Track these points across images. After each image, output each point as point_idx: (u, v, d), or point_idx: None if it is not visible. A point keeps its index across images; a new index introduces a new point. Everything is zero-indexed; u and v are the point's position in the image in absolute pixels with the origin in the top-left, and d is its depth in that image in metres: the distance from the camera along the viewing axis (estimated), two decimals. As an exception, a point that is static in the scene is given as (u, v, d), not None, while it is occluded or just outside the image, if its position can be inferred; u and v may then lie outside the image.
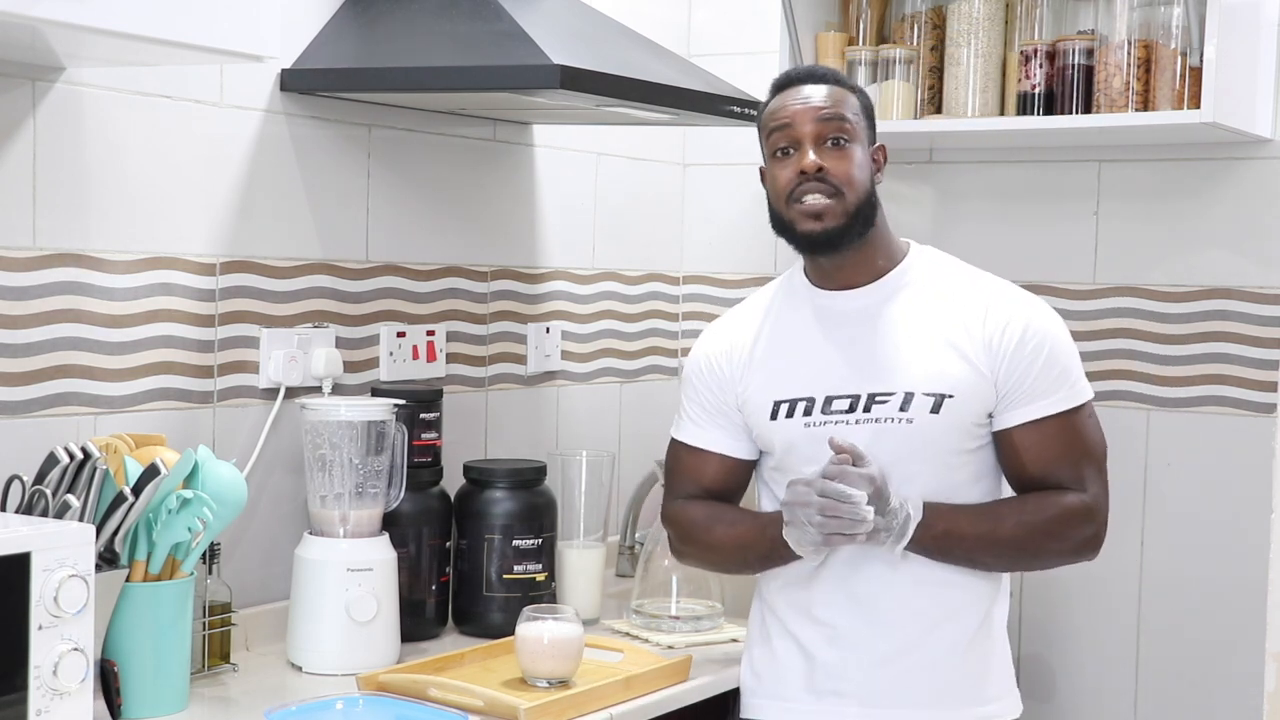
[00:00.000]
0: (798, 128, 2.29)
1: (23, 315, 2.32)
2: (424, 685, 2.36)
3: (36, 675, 1.91)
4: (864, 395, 2.29)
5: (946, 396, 2.26)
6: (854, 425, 2.28)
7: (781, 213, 2.32)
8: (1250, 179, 3.10)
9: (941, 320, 2.30)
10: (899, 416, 2.27)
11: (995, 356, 2.28)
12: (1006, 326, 2.28)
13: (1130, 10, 3.00)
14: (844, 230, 2.28)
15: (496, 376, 3.15)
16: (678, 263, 3.65)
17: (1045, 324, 2.32)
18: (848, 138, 2.29)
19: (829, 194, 2.27)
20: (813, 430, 2.30)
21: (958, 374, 2.27)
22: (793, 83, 2.35)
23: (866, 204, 2.30)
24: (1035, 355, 2.28)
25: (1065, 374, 2.30)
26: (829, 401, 2.31)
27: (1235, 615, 3.10)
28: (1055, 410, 2.29)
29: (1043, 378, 2.28)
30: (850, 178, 2.28)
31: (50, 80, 2.33)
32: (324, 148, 2.76)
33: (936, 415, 2.26)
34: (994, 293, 2.34)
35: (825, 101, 2.30)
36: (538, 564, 2.80)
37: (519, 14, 2.57)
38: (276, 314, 2.68)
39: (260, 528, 2.65)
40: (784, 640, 2.38)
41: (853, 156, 2.29)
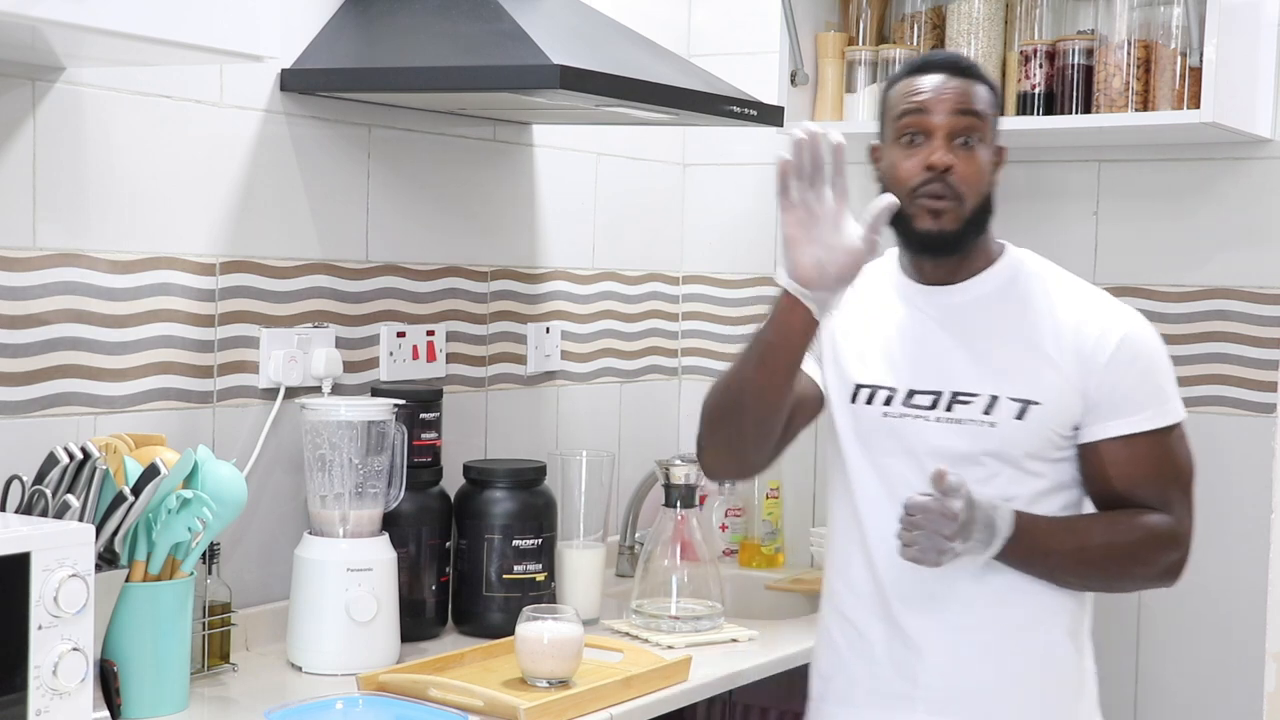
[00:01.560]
0: (932, 117, 2.20)
1: (23, 315, 2.32)
2: (424, 685, 2.36)
3: (36, 675, 1.91)
4: (947, 393, 2.22)
5: (1033, 403, 2.19)
6: (933, 422, 2.21)
7: (903, 204, 2.19)
8: (1250, 179, 3.10)
9: (1034, 325, 2.23)
10: (982, 419, 2.20)
11: (1087, 366, 2.20)
12: (1102, 336, 2.21)
13: (1130, 10, 3.00)
14: (959, 235, 2.21)
15: (496, 376, 3.15)
16: (678, 263, 3.65)
17: (1143, 337, 2.24)
18: (979, 137, 2.22)
19: (951, 196, 2.19)
20: (890, 421, 2.24)
21: (1046, 381, 2.19)
22: (932, 67, 2.25)
23: (984, 209, 2.24)
24: (1129, 368, 2.21)
25: (1159, 391, 2.23)
26: (911, 395, 2.24)
27: (1235, 615, 3.10)
28: (1146, 428, 2.21)
29: (1136, 392, 2.21)
30: (975, 182, 2.20)
31: (50, 80, 2.33)
32: (324, 148, 2.76)
33: (1020, 421, 2.19)
34: (1091, 301, 2.27)
35: (964, 96, 2.21)
36: (538, 564, 2.80)
37: (519, 14, 2.57)
38: (276, 314, 2.68)
39: (260, 528, 2.65)
40: (852, 642, 2.30)
41: (980, 160, 2.22)
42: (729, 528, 3.49)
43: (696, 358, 3.65)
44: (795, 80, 3.25)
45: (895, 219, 2.19)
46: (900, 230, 2.24)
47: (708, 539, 2.98)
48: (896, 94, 2.25)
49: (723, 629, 2.84)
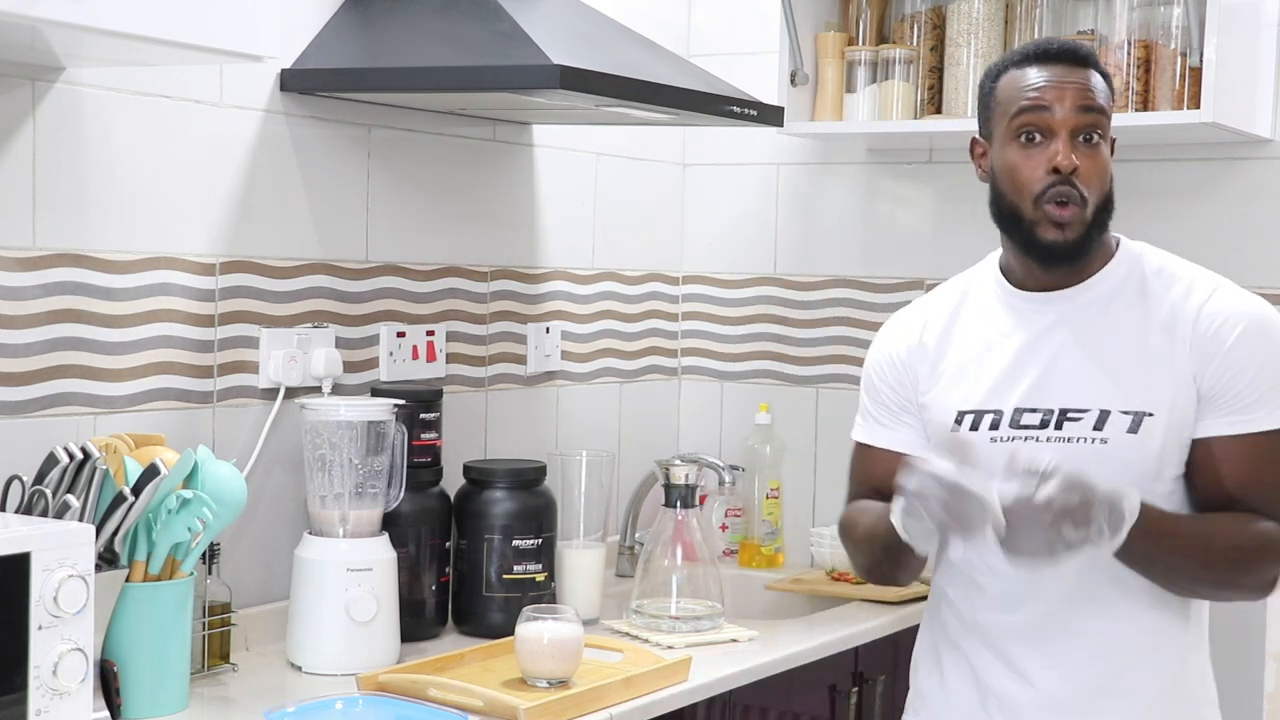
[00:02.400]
0: (1056, 114, 2.04)
1: (23, 315, 2.32)
2: (424, 685, 2.36)
3: (36, 675, 1.91)
4: (1056, 410, 2.06)
5: (1146, 415, 2.03)
6: (1043, 443, 2.04)
7: (1021, 210, 2.06)
8: (1250, 179, 3.10)
9: (1147, 325, 2.07)
10: (1092, 436, 2.03)
11: (1204, 357, 2.03)
12: (1223, 324, 2.03)
13: (1130, 10, 3.00)
14: (1084, 241, 2.06)
15: (496, 376, 3.15)
16: (677, 263, 3.65)
17: (1267, 325, 2.06)
18: (1101, 133, 2.06)
19: (1077, 201, 2.04)
20: (999, 446, 2.03)
21: (1161, 388, 2.03)
22: (1050, 58, 2.06)
23: (1107, 208, 2.09)
24: (1251, 358, 2.02)
25: (1275, 388, 2.03)
26: (1018, 415, 2.07)
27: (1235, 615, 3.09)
28: (1267, 426, 2.02)
29: (1256, 385, 2.02)
30: (1100, 182, 2.06)
31: (50, 80, 2.33)
32: (324, 148, 2.76)
33: (1134, 435, 2.02)
34: (1212, 288, 2.08)
35: (1086, 90, 2.05)
36: (537, 564, 2.80)
37: (519, 14, 2.57)
38: (276, 314, 2.68)
39: (260, 528, 2.65)
40: (956, 665, 2.17)
41: (1103, 157, 2.07)
42: (729, 528, 3.49)
43: (696, 358, 3.65)
44: (795, 80, 3.25)
45: (1014, 227, 2.08)
46: (1019, 239, 2.10)
47: (708, 539, 2.98)
48: (1009, 86, 2.08)
49: (723, 629, 2.84)
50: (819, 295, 3.50)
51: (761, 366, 3.59)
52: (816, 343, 3.50)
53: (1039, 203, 2.05)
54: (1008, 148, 2.08)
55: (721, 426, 3.61)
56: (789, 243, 3.54)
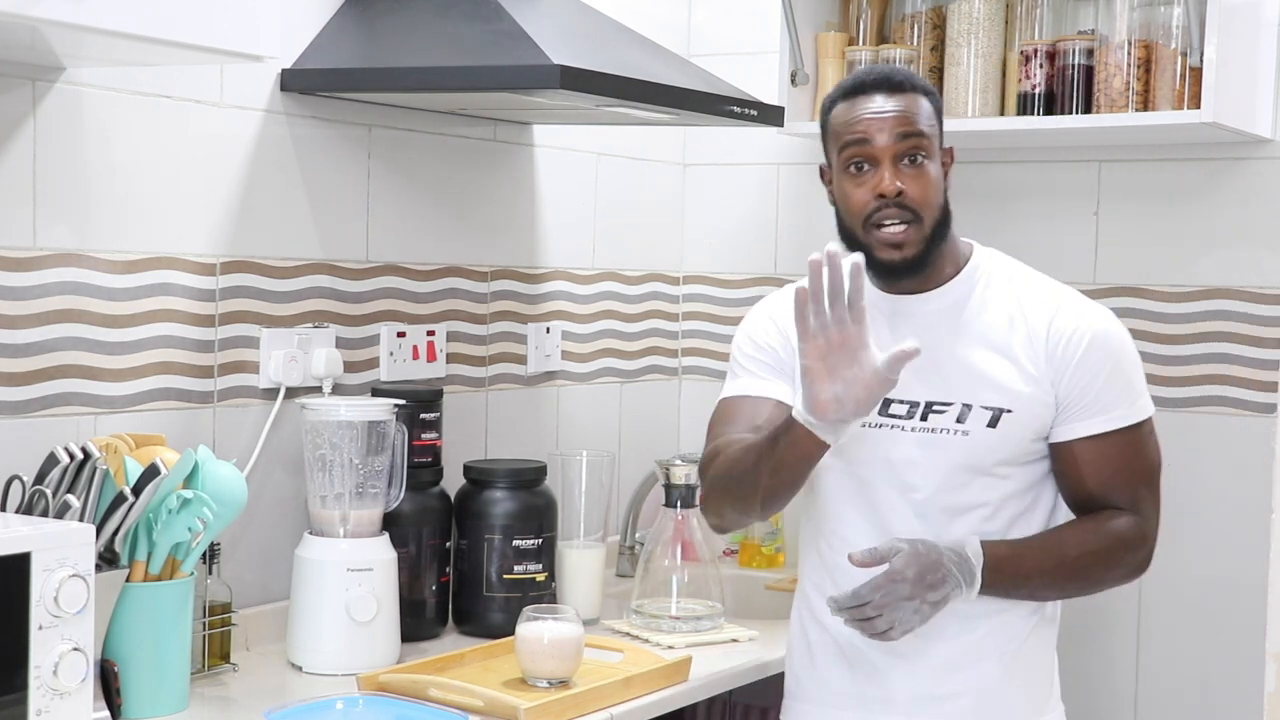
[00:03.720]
0: (874, 144, 2.18)
1: (23, 315, 2.32)
2: (424, 685, 2.36)
3: (36, 675, 1.91)
4: (922, 403, 2.21)
5: (1005, 411, 2.19)
6: (909, 432, 2.21)
7: (856, 234, 2.21)
8: (1250, 179, 3.10)
9: (1004, 329, 2.23)
10: (955, 428, 2.20)
11: (1058, 367, 2.21)
12: (1072, 336, 2.21)
13: (1130, 10, 3.00)
14: (923, 255, 2.20)
15: (496, 376, 3.15)
16: (678, 263, 3.65)
17: (1113, 334, 2.25)
18: (925, 154, 2.19)
19: (908, 220, 2.18)
20: (869, 431, 2.21)
21: (1018, 388, 2.20)
22: (866, 89, 2.21)
23: (943, 221, 2.22)
24: (1100, 367, 2.21)
25: (1129, 388, 2.24)
26: (887, 404, 2.21)
27: (1235, 615, 3.10)
28: (1117, 426, 2.22)
29: (1106, 391, 2.21)
30: (928, 199, 2.18)
31: (50, 80, 2.33)
32: (324, 148, 2.76)
33: (993, 429, 2.19)
34: (1060, 301, 2.26)
35: (903, 115, 2.19)
36: (538, 564, 2.80)
37: (519, 14, 2.57)
38: (276, 314, 2.68)
39: (260, 528, 2.65)
40: (825, 646, 2.31)
41: (929, 174, 2.19)
42: (729, 528, 3.48)
43: (696, 358, 3.65)
44: (795, 80, 3.25)
45: (855, 247, 2.19)
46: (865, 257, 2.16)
47: (708, 539, 2.98)
48: (837, 122, 2.23)
49: (723, 629, 2.84)
50: (819, 295, 3.49)
51: (762, 366, 3.58)
52: (817, 343, 3.50)
53: (868, 226, 2.20)
54: (841, 177, 2.23)
55: (722, 426, 3.61)
56: (789, 243, 3.54)
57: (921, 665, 2.24)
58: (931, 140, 2.21)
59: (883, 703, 2.27)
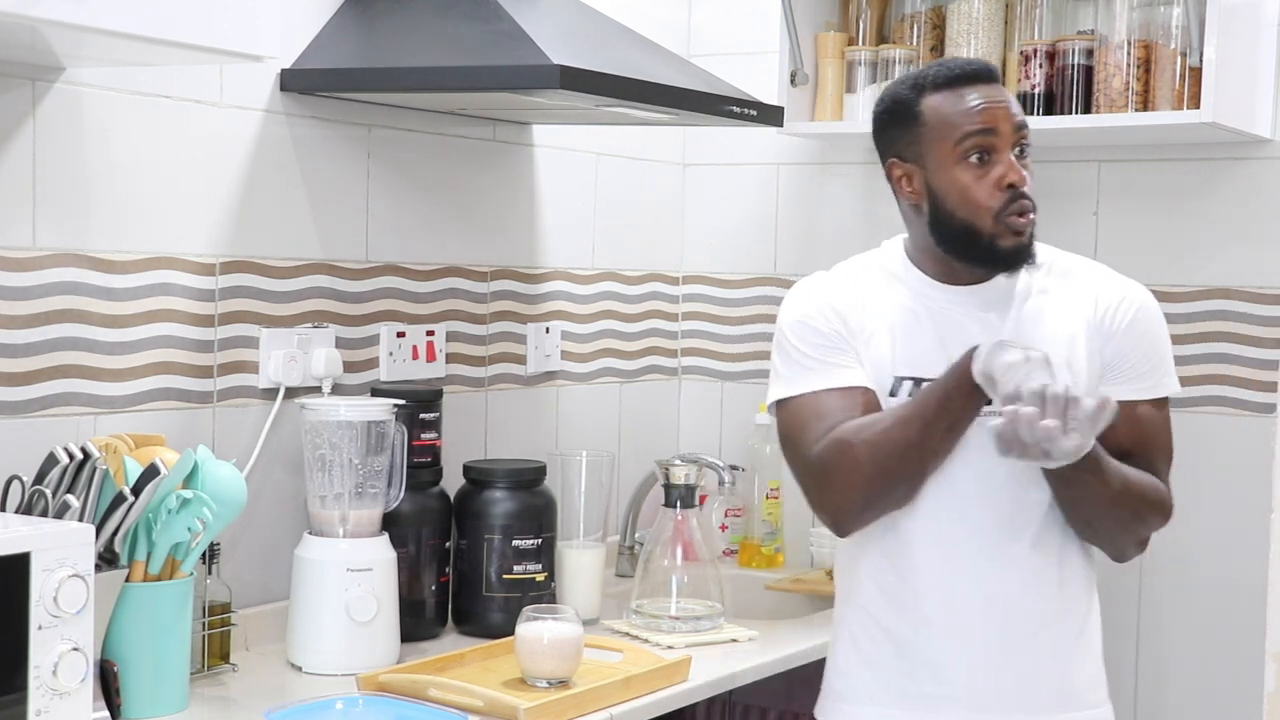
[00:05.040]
0: (999, 134, 2.17)
1: (23, 315, 2.32)
2: (424, 685, 2.36)
3: (36, 675, 1.91)
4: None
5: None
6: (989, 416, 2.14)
7: (980, 227, 2.17)
8: (1250, 179, 3.10)
9: (1054, 310, 2.25)
10: None
11: (1105, 336, 2.25)
12: (1120, 305, 2.26)
13: (1130, 10, 3.00)
14: (1033, 242, 2.23)
15: (496, 376, 3.15)
16: (678, 263, 3.65)
17: (1154, 308, 2.31)
18: (1030, 145, 2.21)
19: (1030, 209, 2.19)
20: None
21: (1076, 365, 2.19)
22: (972, 79, 2.20)
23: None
24: (1143, 336, 2.27)
25: (1163, 361, 2.29)
26: None
27: (1235, 615, 3.10)
28: (1151, 395, 2.27)
29: (1145, 360, 2.27)
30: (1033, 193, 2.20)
31: (50, 80, 2.33)
32: (324, 148, 2.76)
33: None
34: (1103, 275, 2.32)
35: (1017, 108, 2.21)
36: (537, 564, 2.80)
37: (519, 14, 2.57)
38: (276, 314, 2.68)
39: (260, 528, 2.65)
40: (879, 642, 2.26)
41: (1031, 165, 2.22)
42: (729, 528, 3.49)
43: (696, 358, 3.65)
44: (795, 80, 3.25)
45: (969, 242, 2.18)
46: (975, 252, 2.20)
47: (708, 539, 2.98)
48: (946, 111, 2.18)
49: (723, 629, 2.84)
50: (819, 295, 3.50)
51: (761, 366, 3.57)
52: (816, 343, 3.50)
53: (1000, 218, 2.17)
54: (955, 169, 2.18)
55: (721, 426, 3.61)
56: (789, 243, 3.54)
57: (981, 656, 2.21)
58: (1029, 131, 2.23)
59: (947, 699, 2.22)
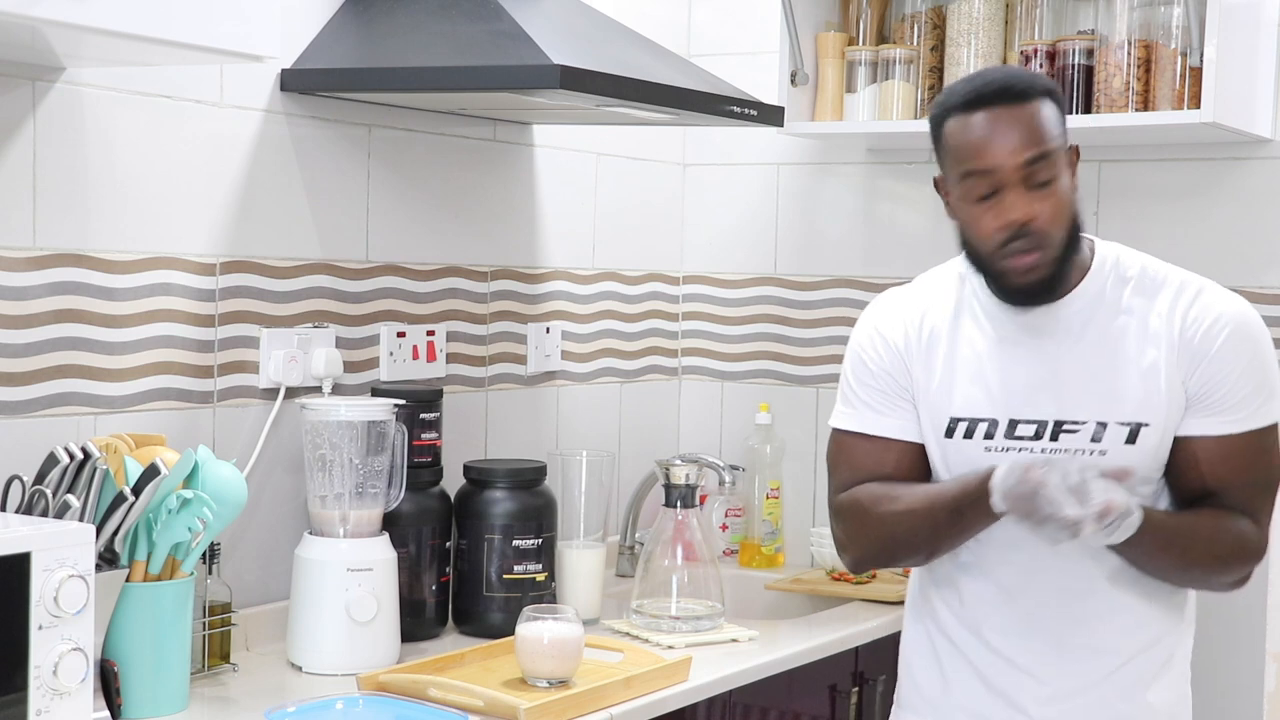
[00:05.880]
0: (1000, 172, 2.01)
1: (23, 315, 2.32)
2: (424, 685, 2.36)
3: (36, 675, 1.91)
4: (1051, 422, 2.09)
5: (1142, 425, 2.07)
6: (1038, 454, 2.08)
7: (985, 260, 2.08)
8: (1250, 179, 3.10)
9: (1135, 333, 2.09)
10: (1090, 447, 2.07)
11: (1193, 359, 2.07)
12: (1211, 326, 2.07)
13: (1130, 10, 3.00)
14: (1055, 277, 2.06)
15: (496, 376, 3.15)
16: (678, 263, 3.65)
17: (1253, 326, 2.11)
18: (1054, 172, 2.03)
19: (1036, 246, 2.03)
20: (995, 456, 2.10)
21: (1154, 398, 2.07)
22: (989, 101, 2.03)
23: (1074, 234, 2.07)
24: (1236, 360, 2.07)
25: (1263, 385, 2.08)
26: (1013, 426, 2.10)
27: (1235, 615, 3.10)
28: (1245, 428, 2.07)
29: (1239, 387, 2.07)
30: (1059, 219, 2.03)
31: (50, 80, 2.33)
32: (324, 148, 2.76)
33: (1132, 446, 2.06)
34: (1197, 290, 2.11)
35: (1028, 134, 2.01)
36: (538, 564, 2.80)
37: (519, 14, 2.57)
38: (276, 314, 2.68)
39: (260, 528, 2.65)
40: (956, 663, 2.21)
41: (1059, 194, 2.03)
42: (729, 528, 3.49)
43: (696, 358, 3.65)
44: (795, 80, 3.25)
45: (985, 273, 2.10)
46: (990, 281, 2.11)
47: (708, 539, 2.98)
48: (953, 140, 2.06)
49: (723, 629, 2.84)
50: (819, 295, 3.50)
51: (762, 366, 3.59)
52: (816, 343, 3.50)
53: (997, 257, 2.06)
54: (962, 201, 2.08)
55: (722, 426, 3.61)
56: (789, 243, 3.54)
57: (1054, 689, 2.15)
58: (1059, 154, 2.04)
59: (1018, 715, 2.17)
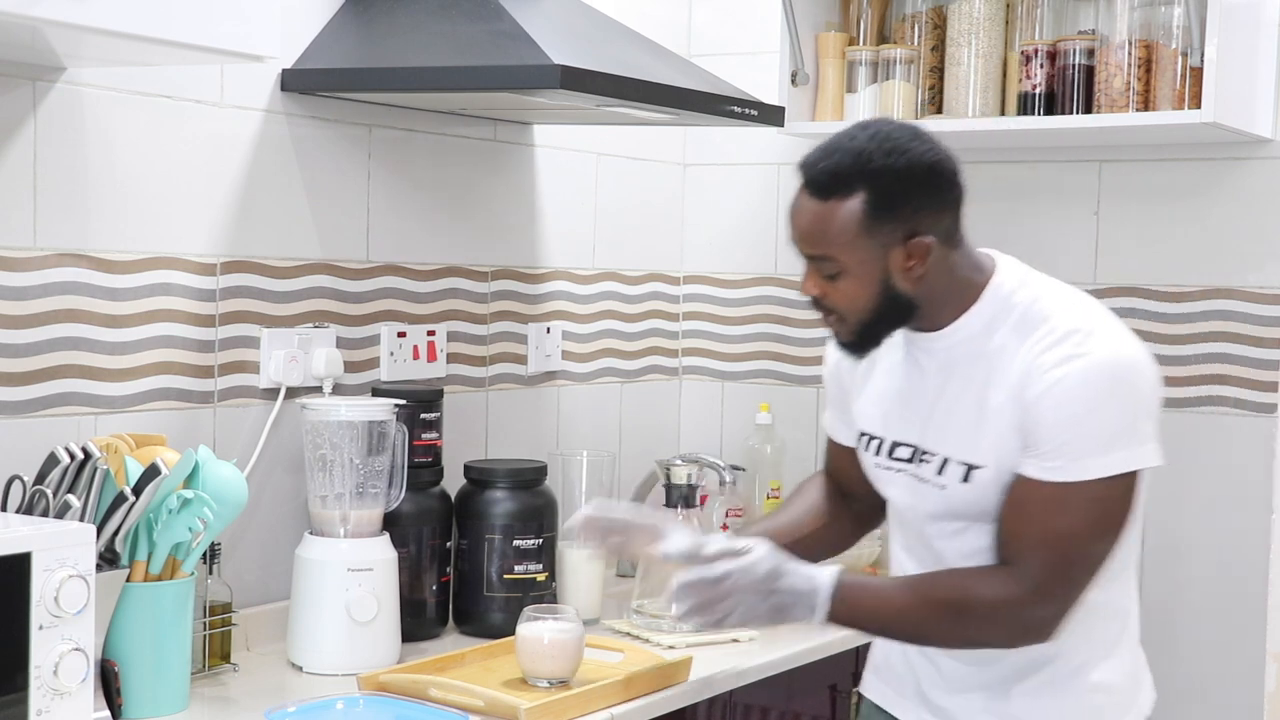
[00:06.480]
0: (797, 244, 2.09)
1: (23, 315, 2.32)
2: (424, 685, 2.36)
3: (37, 675, 1.91)
4: (915, 448, 2.16)
5: (976, 467, 2.09)
6: (908, 475, 2.16)
7: None
8: (1250, 179, 3.10)
9: (995, 373, 2.07)
10: (935, 480, 2.13)
11: (1025, 404, 2.03)
12: (1050, 370, 2.02)
13: (1131, 10, 3.00)
14: (862, 341, 2.11)
15: (497, 376, 3.15)
16: (678, 263, 3.65)
17: (1101, 380, 2.02)
18: (837, 271, 2.05)
19: (834, 316, 2.10)
20: (880, 472, 2.21)
21: (991, 440, 2.07)
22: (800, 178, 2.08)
23: (879, 319, 2.08)
24: (1061, 410, 2.01)
25: (1082, 440, 2.01)
26: (894, 447, 2.18)
27: (1235, 615, 3.10)
28: (1046, 477, 2.02)
29: (1056, 434, 2.02)
30: (849, 307, 2.07)
31: (50, 80, 2.33)
32: (324, 148, 2.76)
33: (967, 485, 2.10)
34: (1064, 334, 2.05)
35: (809, 236, 2.06)
36: (538, 564, 2.80)
37: (519, 14, 2.57)
38: (277, 314, 2.68)
39: (261, 528, 2.65)
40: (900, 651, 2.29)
41: (845, 291, 2.06)
42: (730, 528, 3.48)
43: (697, 358, 3.65)
44: (796, 80, 3.25)
45: None
46: None
47: (708, 539, 2.97)
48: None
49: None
50: (819, 295, 3.50)
51: (762, 366, 3.59)
52: (816, 343, 3.50)
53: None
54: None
55: (722, 426, 3.61)
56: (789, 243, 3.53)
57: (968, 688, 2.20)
58: (844, 259, 2.04)
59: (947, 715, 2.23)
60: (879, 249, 2.04)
